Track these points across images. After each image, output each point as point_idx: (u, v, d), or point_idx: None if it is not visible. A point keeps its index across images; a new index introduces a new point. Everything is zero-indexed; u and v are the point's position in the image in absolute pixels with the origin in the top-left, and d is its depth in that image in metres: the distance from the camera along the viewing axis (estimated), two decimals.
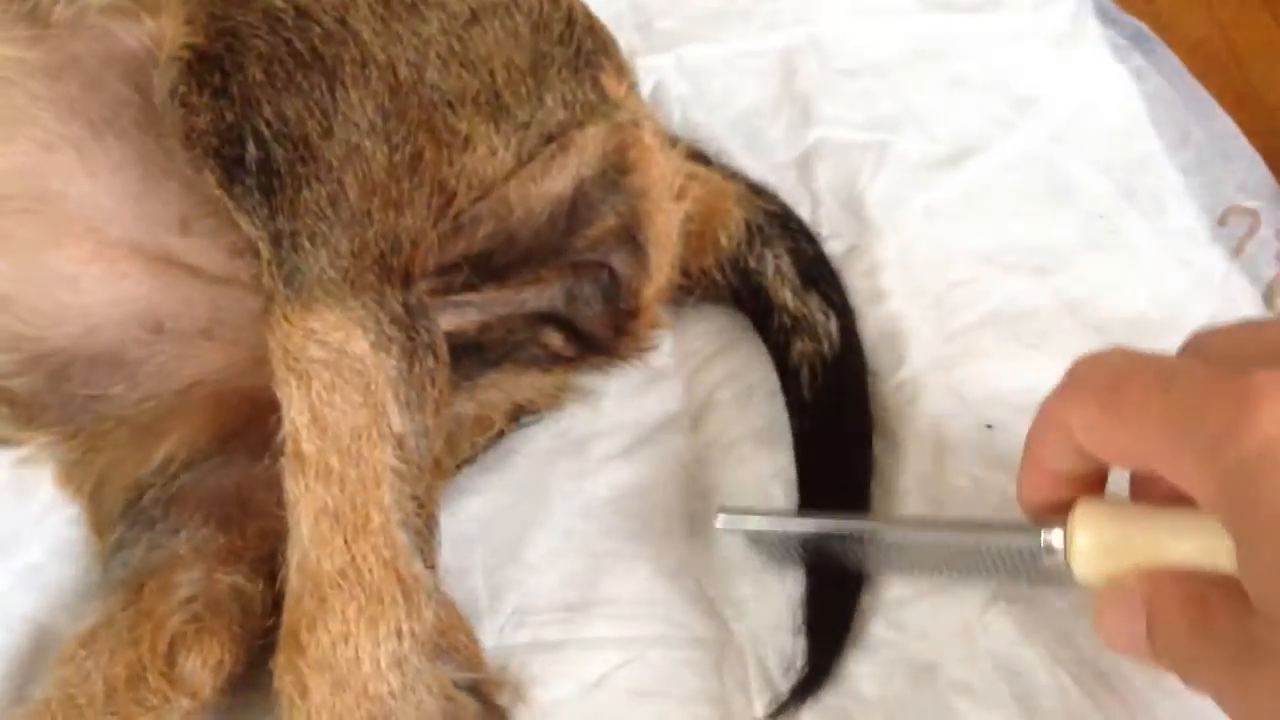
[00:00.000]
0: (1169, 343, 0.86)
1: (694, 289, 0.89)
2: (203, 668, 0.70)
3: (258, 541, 0.75)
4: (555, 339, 0.83)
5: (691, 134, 0.98)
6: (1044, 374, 0.84)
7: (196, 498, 0.76)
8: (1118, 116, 1.01)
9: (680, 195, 0.85)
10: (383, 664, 0.64)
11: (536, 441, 0.86)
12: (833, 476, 0.81)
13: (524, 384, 0.84)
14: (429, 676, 0.66)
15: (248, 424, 0.76)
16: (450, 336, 0.75)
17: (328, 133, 0.69)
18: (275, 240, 0.68)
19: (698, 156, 0.92)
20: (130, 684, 0.69)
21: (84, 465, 0.80)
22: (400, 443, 0.68)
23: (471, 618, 0.76)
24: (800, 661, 0.73)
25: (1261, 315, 0.89)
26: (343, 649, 0.64)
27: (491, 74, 0.75)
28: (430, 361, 0.71)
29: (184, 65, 0.71)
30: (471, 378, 0.81)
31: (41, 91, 0.76)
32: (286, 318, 0.68)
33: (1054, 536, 0.58)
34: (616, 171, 0.81)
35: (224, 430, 0.78)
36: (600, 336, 0.84)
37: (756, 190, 0.92)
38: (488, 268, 0.79)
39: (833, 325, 0.86)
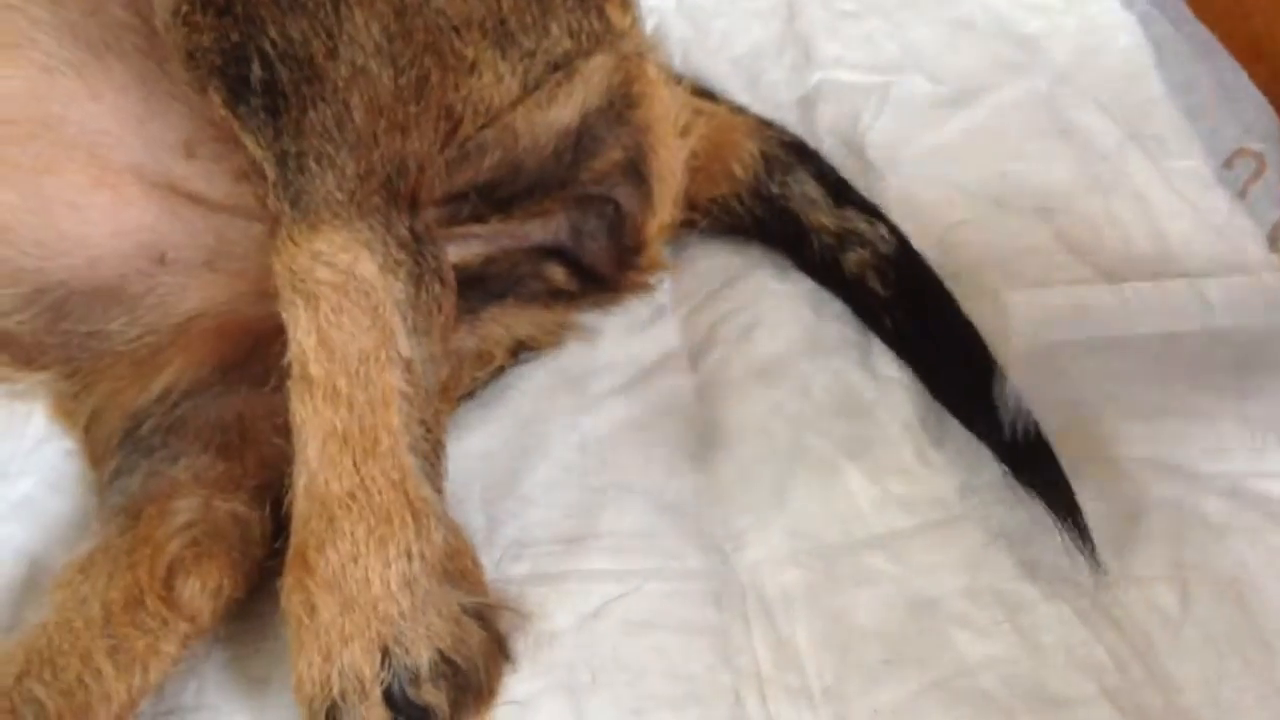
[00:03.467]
0: (1172, 285, 0.87)
1: (701, 222, 0.89)
2: (201, 592, 0.70)
3: (257, 470, 0.74)
4: (559, 273, 0.83)
5: (693, 75, 0.97)
6: (1046, 314, 0.85)
7: (196, 426, 0.76)
8: (1123, 60, 1.00)
9: (685, 131, 0.85)
10: (393, 585, 0.64)
11: (535, 378, 0.85)
12: (944, 355, 0.82)
13: (525, 319, 0.83)
14: (439, 599, 0.65)
15: (248, 354, 0.75)
16: (456, 268, 0.74)
17: (333, 53, 0.68)
18: (281, 161, 0.67)
19: (703, 93, 0.91)
20: (128, 608, 0.68)
21: (80, 398, 0.79)
22: (408, 366, 0.67)
23: None
24: (798, 593, 0.73)
25: (1265, 257, 0.88)
26: (352, 569, 0.64)
27: (498, 1, 0.74)
28: (437, 287, 0.70)
29: None
30: (474, 311, 0.80)
31: (42, 16, 0.74)
32: (293, 239, 0.67)
33: None
34: (622, 105, 0.81)
35: (224, 361, 0.77)
36: (603, 271, 0.84)
37: (766, 123, 0.91)
38: (493, 198, 0.78)
39: (881, 228, 0.86)
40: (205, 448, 0.75)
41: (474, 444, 0.81)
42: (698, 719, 0.68)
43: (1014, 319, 0.84)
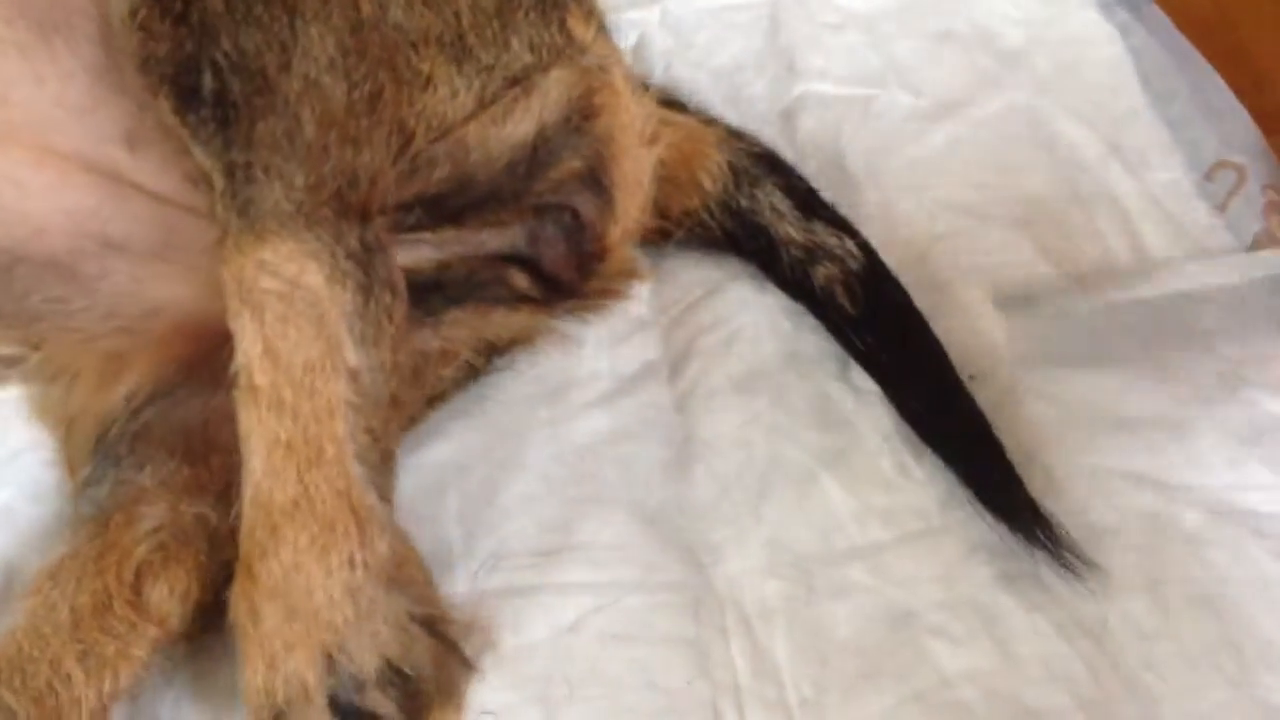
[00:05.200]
0: (1152, 298, 0.87)
1: (676, 232, 0.89)
2: (170, 596, 0.70)
3: (222, 473, 0.74)
4: (520, 279, 0.83)
5: (672, 87, 0.97)
6: (1025, 327, 0.85)
7: (161, 432, 0.75)
8: (1104, 72, 1.00)
9: (653, 140, 0.85)
10: (336, 593, 0.63)
11: (513, 389, 0.85)
12: (910, 374, 0.82)
13: (492, 321, 0.83)
14: (385, 607, 0.65)
15: (209, 355, 0.74)
16: (409, 273, 0.74)
17: (286, 66, 0.68)
18: (229, 172, 0.67)
19: (673, 103, 0.91)
20: (97, 613, 0.68)
21: (58, 402, 0.79)
22: (355, 376, 0.67)
23: (445, 563, 0.75)
24: (776, 605, 0.73)
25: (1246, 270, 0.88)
26: (295, 578, 0.63)
27: (457, 15, 0.74)
28: (387, 297, 0.70)
29: None
30: (434, 314, 0.80)
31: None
32: (239, 249, 0.66)
33: None
34: (581, 116, 0.80)
35: (186, 362, 0.77)
36: (565, 278, 0.84)
37: (736, 134, 0.91)
38: (443, 209, 0.78)
39: (849, 243, 0.86)
40: (171, 453, 0.75)
41: (450, 455, 0.81)
42: None
43: (994, 332, 0.84)
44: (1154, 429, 0.78)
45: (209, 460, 0.74)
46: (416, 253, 0.78)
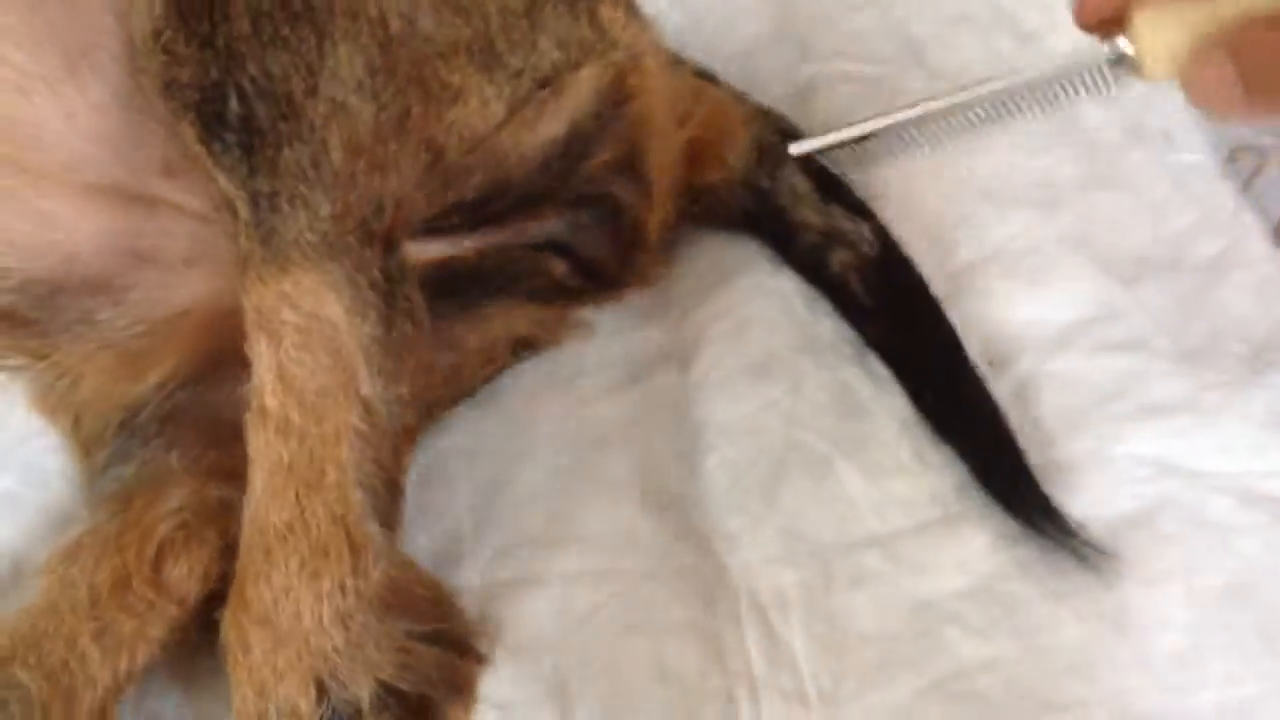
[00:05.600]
0: (1176, 281, 0.85)
1: (696, 209, 0.87)
2: (189, 575, 0.69)
3: (248, 460, 0.73)
4: (559, 267, 0.82)
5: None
6: (1047, 310, 0.83)
7: (193, 415, 0.74)
8: None
9: (684, 118, 0.83)
10: (325, 619, 0.62)
11: (523, 377, 0.84)
12: (924, 365, 0.80)
13: (526, 316, 0.82)
14: (377, 633, 0.64)
15: (239, 347, 0.74)
16: (447, 263, 0.73)
17: (313, 90, 0.66)
18: (254, 200, 0.66)
19: (704, 75, 0.89)
20: (115, 591, 0.67)
21: (67, 389, 0.77)
22: (368, 406, 0.66)
23: (455, 554, 0.74)
24: (792, 594, 0.71)
25: (1271, 252, 0.86)
26: (284, 603, 0.62)
27: (485, 20, 0.72)
28: (408, 329, 0.69)
29: (171, 2, 0.67)
30: (473, 306, 0.79)
31: (13, 23, 0.71)
32: (261, 279, 0.66)
33: (1121, 43, 0.57)
34: (614, 104, 0.78)
35: (215, 354, 0.76)
36: (605, 266, 0.82)
37: (765, 111, 0.89)
38: (479, 213, 0.77)
39: (864, 229, 0.84)
40: (199, 437, 0.73)
41: (460, 444, 0.80)
42: None
43: (1015, 317, 0.82)
44: (1180, 414, 0.76)
45: (235, 447, 0.73)
46: (458, 244, 0.77)
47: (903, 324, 0.82)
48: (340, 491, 0.64)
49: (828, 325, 0.84)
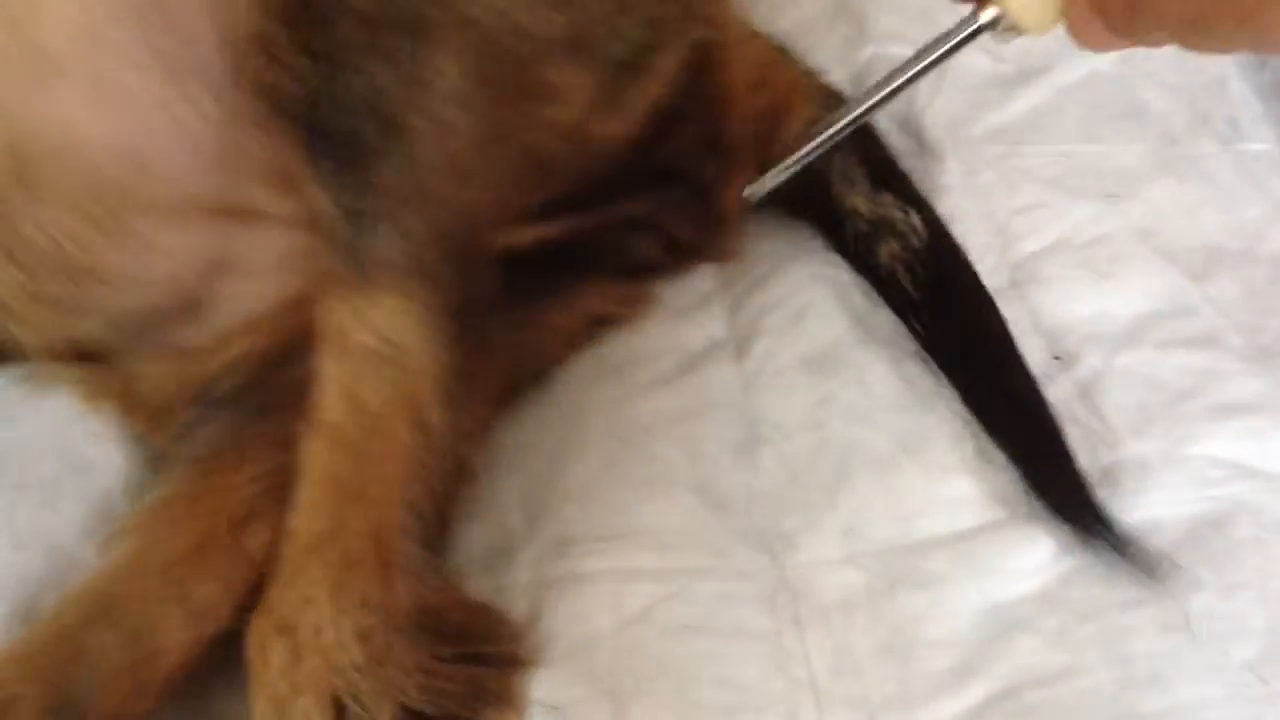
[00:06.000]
0: (1246, 272, 0.83)
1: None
2: (269, 543, 0.66)
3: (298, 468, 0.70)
4: (645, 245, 0.80)
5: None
6: (1115, 303, 0.81)
7: (274, 388, 0.72)
8: None
9: (758, 87, 0.81)
10: (346, 633, 0.60)
11: (574, 367, 0.81)
12: (973, 362, 0.77)
13: (606, 294, 0.80)
14: (403, 653, 0.61)
15: (307, 326, 0.71)
16: (539, 242, 0.72)
17: (414, 103, 0.64)
18: (347, 217, 0.64)
19: (778, 49, 0.87)
20: (195, 554, 0.66)
21: (123, 381, 0.75)
22: (428, 433, 0.65)
23: (507, 549, 0.72)
24: (855, 597, 0.69)
25: None
26: (306, 613, 0.60)
27: (577, 7, 0.69)
28: (481, 359, 0.68)
29: (275, 5, 0.64)
30: (559, 285, 0.77)
31: (131, 46, 0.67)
32: (342, 296, 0.64)
33: (990, 11, 0.59)
34: (696, 78, 0.76)
35: (290, 339, 0.73)
36: (691, 240, 0.81)
37: (832, 92, 0.87)
38: (569, 203, 0.75)
39: (914, 219, 0.81)
40: (283, 409, 0.71)
41: (511, 436, 0.77)
42: None
43: (1082, 310, 0.80)
44: (1255, 415, 0.74)
45: None
46: (545, 227, 0.75)
47: (951, 319, 0.79)
48: (382, 509, 0.63)
49: (886, 317, 0.82)
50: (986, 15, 0.58)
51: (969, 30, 0.60)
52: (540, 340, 0.78)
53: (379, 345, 0.64)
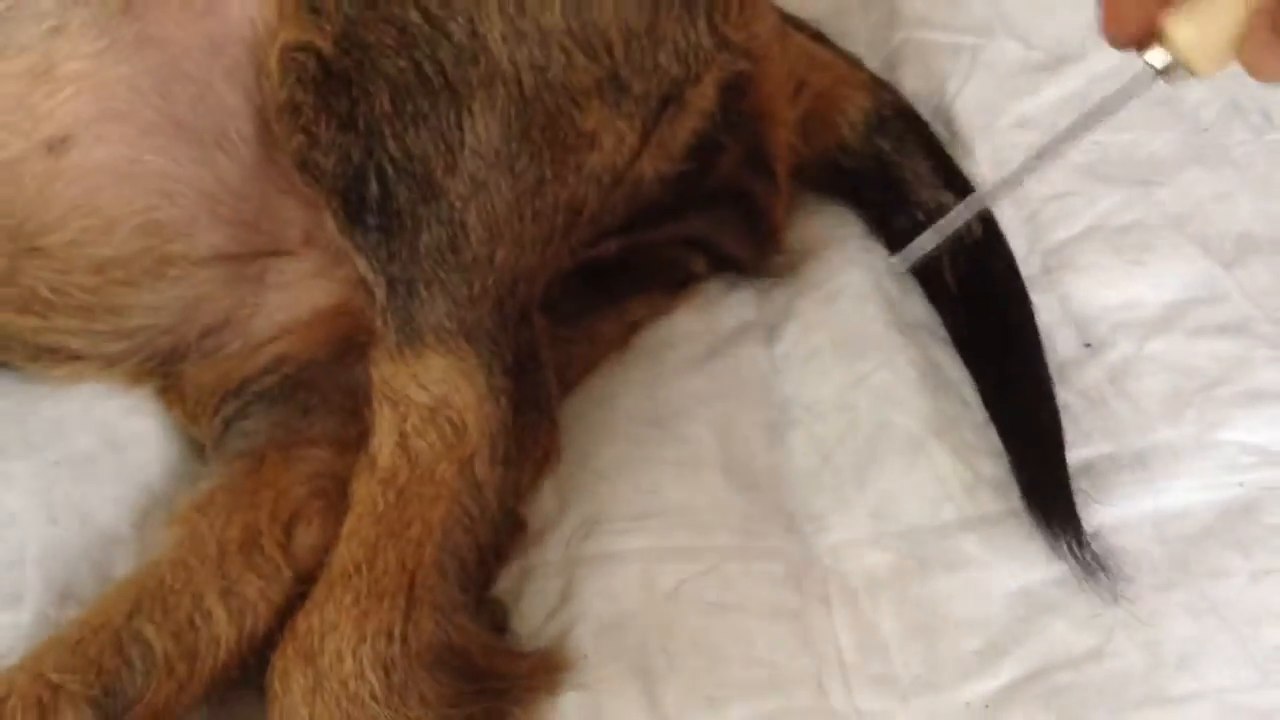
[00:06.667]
0: (1277, 260, 0.83)
1: (806, 179, 0.85)
2: (319, 545, 0.67)
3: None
4: (699, 262, 0.82)
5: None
6: (1146, 290, 0.81)
7: (327, 387, 0.73)
8: None
9: (798, 90, 0.81)
10: (366, 663, 0.60)
11: None
12: (996, 361, 0.78)
13: (653, 304, 0.82)
14: (425, 686, 0.61)
15: (361, 337, 0.72)
16: (593, 260, 0.74)
17: (452, 168, 0.65)
18: (391, 285, 0.66)
19: (819, 37, 0.88)
20: (244, 549, 0.66)
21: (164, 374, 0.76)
22: (479, 487, 0.66)
23: (538, 528, 0.72)
24: (883, 577, 0.69)
25: None
26: (329, 639, 0.61)
27: (610, 50, 0.69)
28: (534, 415, 0.69)
29: (307, 76, 0.65)
30: (613, 300, 0.79)
31: (152, 119, 0.69)
32: (393, 359, 0.66)
33: (1157, 53, 0.55)
34: (735, 99, 0.76)
35: (335, 342, 0.75)
36: (743, 257, 0.82)
37: (881, 82, 0.87)
38: (620, 231, 0.77)
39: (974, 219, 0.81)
40: (337, 409, 0.72)
41: None
42: (779, 709, 0.65)
43: (1113, 296, 0.80)
44: None
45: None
46: (597, 247, 0.76)
47: (985, 316, 0.80)
48: (419, 548, 0.63)
49: (917, 302, 0.82)
50: (1156, 60, 0.55)
51: (1138, 81, 0.56)
52: (589, 353, 0.79)
53: (433, 403, 0.65)
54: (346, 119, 0.65)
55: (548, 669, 0.66)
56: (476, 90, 0.66)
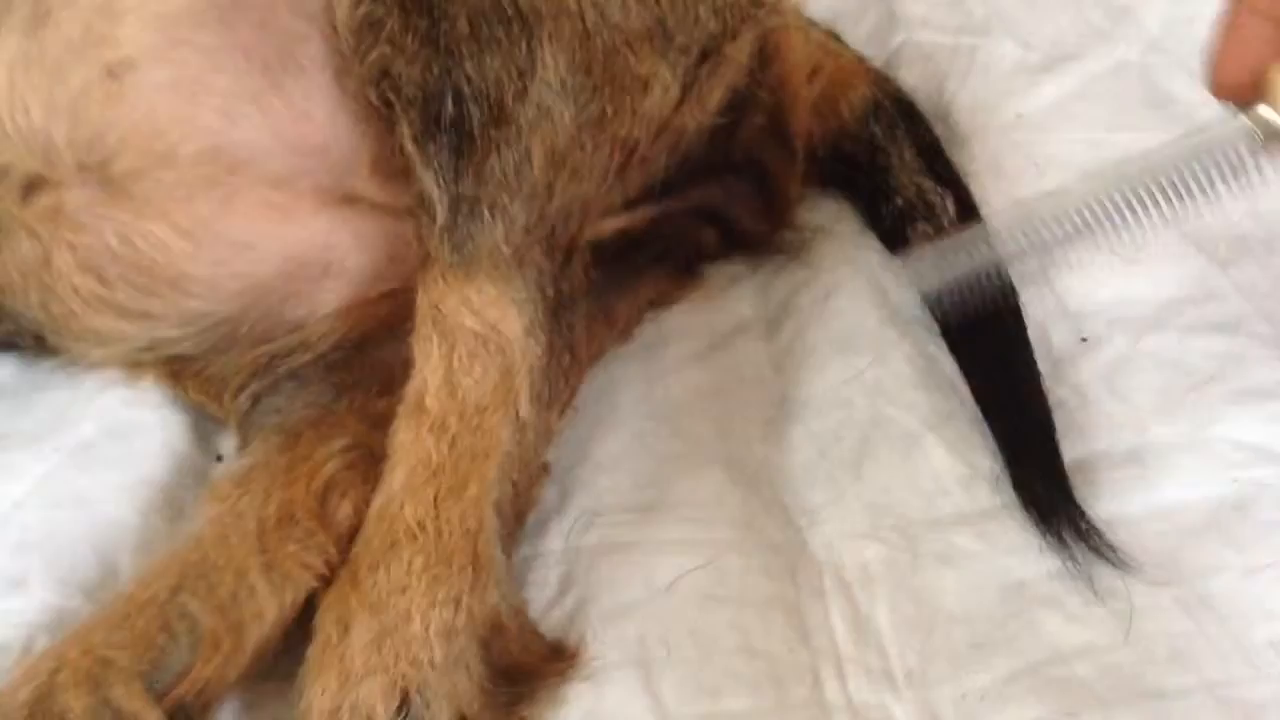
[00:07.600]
0: (1272, 259, 0.83)
1: (814, 160, 0.87)
2: (352, 514, 0.68)
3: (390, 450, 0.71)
4: (710, 235, 0.82)
5: None
6: (1141, 287, 0.81)
7: (359, 367, 0.74)
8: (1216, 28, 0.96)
9: (814, 73, 0.83)
10: (432, 628, 0.61)
11: None
12: (984, 351, 0.78)
13: (664, 282, 0.83)
14: (473, 660, 0.62)
15: (397, 320, 0.72)
16: (616, 234, 0.75)
17: (522, 94, 0.66)
18: (455, 205, 0.66)
19: (831, 33, 0.90)
20: (282, 523, 0.67)
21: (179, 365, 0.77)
22: (521, 429, 0.66)
23: (539, 520, 0.73)
24: (878, 571, 0.70)
25: None
26: (398, 599, 0.61)
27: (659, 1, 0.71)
28: (567, 359, 0.71)
29: None
30: (629, 276, 0.80)
31: (214, 43, 0.70)
32: (445, 281, 0.66)
33: (1264, 110, 0.51)
34: (762, 67, 0.78)
35: (370, 321, 0.75)
36: (756, 232, 0.83)
37: (885, 76, 0.89)
38: (647, 193, 0.77)
39: (949, 203, 0.83)
40: (367, 386, 0.73)
41: None
42: (775, 700, 0.65)
43: (1108, 293, 0.81)
44: (1277, 399, 0.75)
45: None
46: (632, 216, 0.77)
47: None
48: (477, 508, 0.64)
49: (913, 297, 0.83)
50: (1268, 113, 0.50)
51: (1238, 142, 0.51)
52: (605, 332, 0.80)
53: (483, 330, 0.65)
54: (428, 36, 0.66)
55: (565, 658, 0.66)
56: (545, 21, 0.67)
